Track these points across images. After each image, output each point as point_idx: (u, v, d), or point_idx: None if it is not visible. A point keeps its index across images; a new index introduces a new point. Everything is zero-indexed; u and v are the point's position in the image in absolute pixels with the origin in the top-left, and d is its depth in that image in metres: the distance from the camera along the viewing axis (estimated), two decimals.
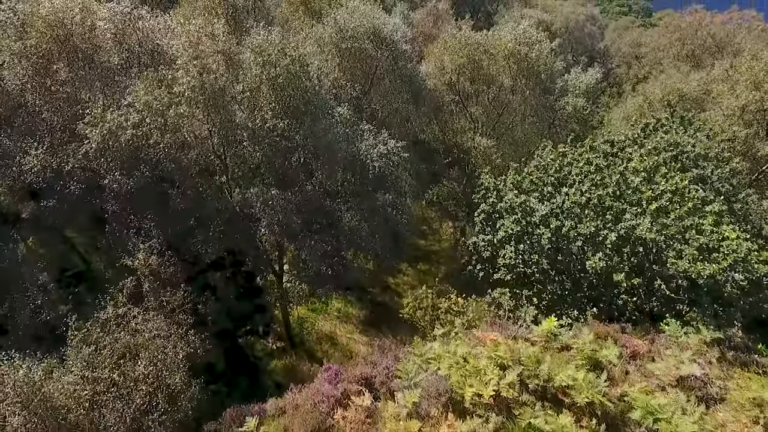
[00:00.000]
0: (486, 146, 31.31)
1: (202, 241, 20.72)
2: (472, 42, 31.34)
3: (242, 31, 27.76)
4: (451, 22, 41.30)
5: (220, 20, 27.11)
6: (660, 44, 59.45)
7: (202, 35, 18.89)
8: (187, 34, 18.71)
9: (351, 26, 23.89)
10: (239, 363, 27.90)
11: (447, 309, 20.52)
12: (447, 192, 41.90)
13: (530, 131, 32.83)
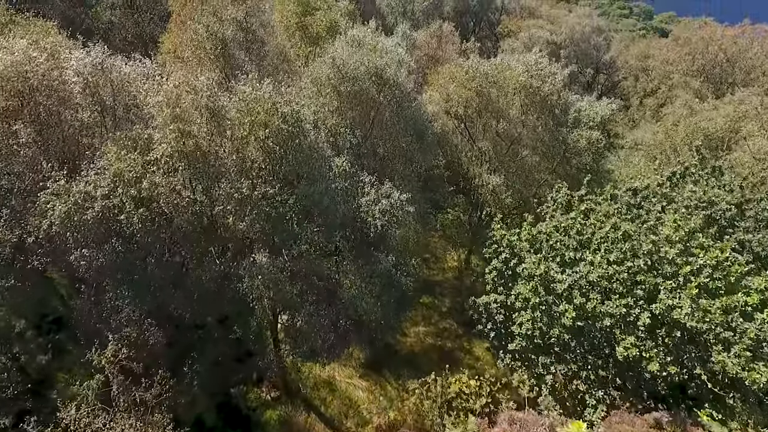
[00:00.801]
0: (495, 184, 28.79)
1: (183, 309, 18.36)
2: (480, 73, 28.75)
3: (232, 67, 25.20)
4: (455, 42, 38.63)
5: (206, 60, 24.65)
6: (669, 58, 56.72)
7: (183, 91, 16.36)
8: (165, 92, 16.15)
9: (351, 68, 21.34)
10: (231, 416, 25.60)
11: (458, 393, 18.11)
12: (451, 220, 39.43)
13: (541, 165, 30.30)
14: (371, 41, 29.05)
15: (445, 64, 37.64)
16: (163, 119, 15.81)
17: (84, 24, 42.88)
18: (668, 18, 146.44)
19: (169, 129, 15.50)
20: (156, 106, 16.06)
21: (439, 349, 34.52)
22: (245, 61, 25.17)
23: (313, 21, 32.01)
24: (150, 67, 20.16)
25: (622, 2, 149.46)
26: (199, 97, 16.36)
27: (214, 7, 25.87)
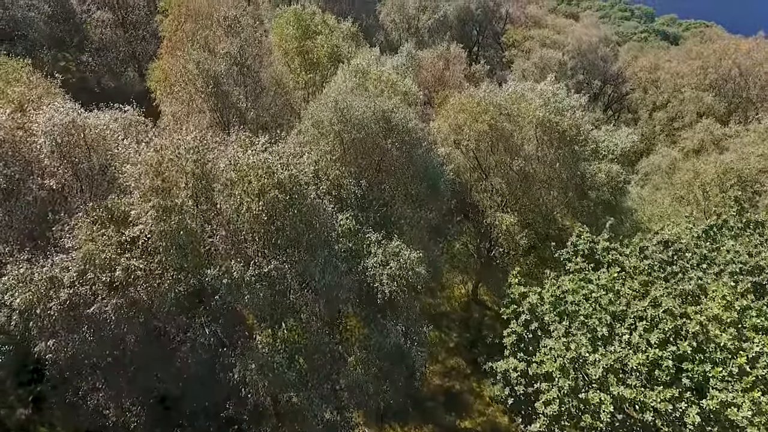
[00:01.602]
0: (509, 224, 26.39)
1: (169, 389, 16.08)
2: (493, 105, 26.27)
3: (226, 106, 22.74)
4: (462, 62, 36.08)
5: (197, 97, 22.20)
6: (680, 71, 54.10)
7: (166, 158, 13.90)
8: (145, 161, 13.67)
9: (355, 113, 18.87)
10: None
11: None
12: (459, 248, 37.03)
13: (557, 199, 27.89)
14: (375, 71, 26.64)
15: (453, 88, 35.21)
16: (142, 193, 13.40)
17: (74, 42, 40.49)
18: (669, 20, 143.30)
19: (149, 205, 13.08)
20: (134, 176, 13.63)
21: (447, 391, 32.17)
22: (239, 98, 22.72)
23: (313, 46, 29.49)
24: (131, 115, 17.70)
25: (623, 5, 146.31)
26: (184, 162, 13.93)
27: (206, 39, 23.38)
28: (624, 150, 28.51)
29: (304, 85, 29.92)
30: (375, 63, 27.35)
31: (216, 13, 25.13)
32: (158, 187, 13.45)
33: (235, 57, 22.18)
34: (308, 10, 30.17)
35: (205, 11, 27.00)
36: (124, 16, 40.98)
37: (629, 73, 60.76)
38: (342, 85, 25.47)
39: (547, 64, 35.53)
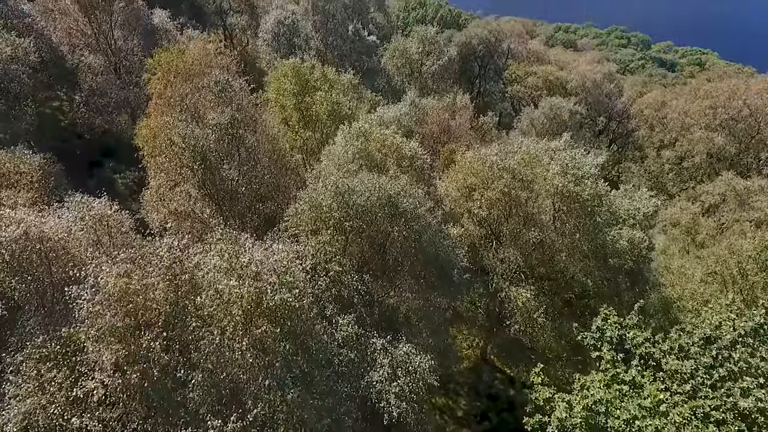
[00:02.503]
0: (525, 299, 23.80)
1: None
2: (506, 171, 23.88)
3: (214, 183, 20.28)
4: (469, 110, 33.84)
5: (184, 173, 19.76)
6: (688, 109, 52.08)
7: (132, 287, 11.35)
8: (107, 292, 11.08)
9: (359, 200, 16.43)
10: None
11: None
12: (467, 306, 34.31)
13: (576, 268, 25.31)
14: (378, 134, 24.32)
15: (459, 141, 32.98)
16: (99, 332, 10.82)
17: (63, 89, 38.33)
18: (665, 47, 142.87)
19: (108, 352, 10.47)
20: (92, 311, 11.04)
21: None
22: (230, 172, 20.28)
23: (312, 102, 27.26)
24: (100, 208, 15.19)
25: (619, 32, 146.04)
26: (154, 292, 11.36)
27: (195, 104, 21.06)
28: (646, 214, 26.06)
29: (302, 144, 27.61)
30: (377, 124, 25.07)
31: (206, 76, 22.88)
32: (120, 327, 10.87)
33: (225, 128, 19.83)
34: (307, 64, 28.00)
35: (196, 70, 24.79)
36: (117, 62, 38.92)
37: (635, 110, 58.82)
38: (342, 153, 23.16)
39: (557, 114, 33.35)
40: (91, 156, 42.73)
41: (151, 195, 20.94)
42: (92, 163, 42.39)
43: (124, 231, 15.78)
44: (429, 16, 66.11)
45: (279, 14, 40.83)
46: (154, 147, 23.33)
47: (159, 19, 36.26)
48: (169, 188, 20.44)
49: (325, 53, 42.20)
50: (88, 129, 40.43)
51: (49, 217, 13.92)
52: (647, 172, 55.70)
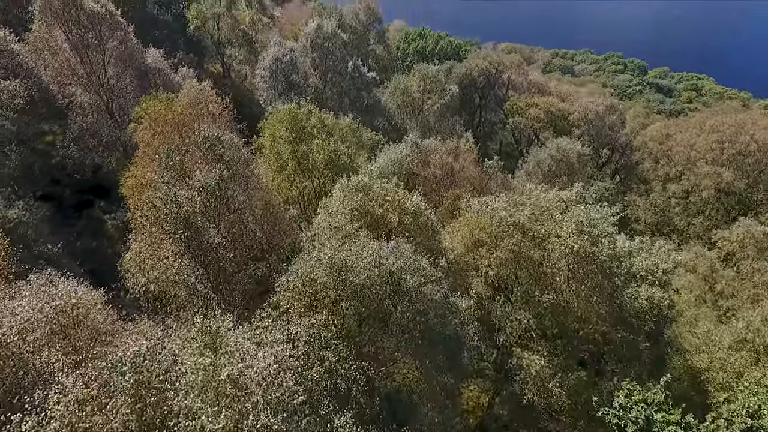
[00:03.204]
0: (539, 368, 21.66)
1: None
2: (516, 227, 22.01)
3: (201, 248, 18.32)
4: (474, 155, 32.13)
5: (167, 238, 17.80)
6: (694, 143, 50.55)
7: (87, 412, 9.26)
8: (55, 418, 8.97)
9: (358, 279, 14.46)
10: None
11: None
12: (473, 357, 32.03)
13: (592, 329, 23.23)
14: (378, 188, 22.49)
15: (463, 186, 31.22)
16: None
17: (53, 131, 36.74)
18: (662, 73, 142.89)
19: None
20: None
21: None
22: (216, 238, 18.34)
23: (309, 150, 25.54)
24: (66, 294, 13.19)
25: (616, 58, 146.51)
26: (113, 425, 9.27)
27: (182, 166, 19.25)
28: (666, 270, 24.11)
29: (298, 194, 25.79)
30: (378, 176, 23.29)
31: (195, 127, 21.17)
32: None
33: (213, 190, 18.01)
34: (304, 110, 26.36)
35: (185, 119, 23.12)
36: (109, 100, 37.40)
37: (638, 142, 57.41)
38: (340, 209, 21.30)
39: (565, 156, 31.72)
40: (82, 195, 40.97)
41: (131, 260, 19.00)
42: (82, 203, 40.58)
43: (93, 318, 13.75)
44: (429, 48, 65.25)
45: (277, 51, 39.52)
46: (136, 207, 21.55)
47: (152, 59, 34.82)
48: (151, 252, 18.50)
49: (324, 90, 40.79)
50: (78, 169, 38.71)
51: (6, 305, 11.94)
52: (653, 206, 53.92)
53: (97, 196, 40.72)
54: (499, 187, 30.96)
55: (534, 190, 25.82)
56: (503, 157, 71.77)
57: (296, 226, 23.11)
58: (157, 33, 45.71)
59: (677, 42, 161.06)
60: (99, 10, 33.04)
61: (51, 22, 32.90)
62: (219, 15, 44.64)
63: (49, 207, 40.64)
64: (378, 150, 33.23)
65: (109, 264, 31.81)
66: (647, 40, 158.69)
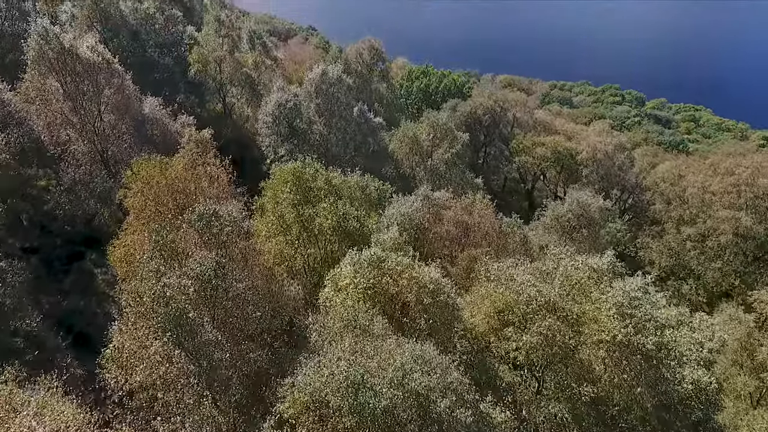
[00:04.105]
0: None
1: None
2: (546, 308, 19.45)
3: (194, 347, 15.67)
4: (490, 211, 29.76)
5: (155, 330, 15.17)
6: (708, 185, 48.59)
7: None
8: None
9: (378, 405, 11.82)
10: None
11: None
12: None
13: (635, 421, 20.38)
14: (393, 261, 20.02)
15: (480, 246, 28.80)
16: None
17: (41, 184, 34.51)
18: (659, 104, 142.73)
19: None
20: None
21: None
22: (212, 332, 15.72)
23: (315, 214, 23.17)
24: None
25: (613, 90, 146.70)
26: None
27: (175, 246, 16.78)
28: (711, 350, 21.47)
29: (303, 262, 23.28)
30: (391, 247, 20.85)
31: (191, 198, 18.78)
32: None
33: (208, 279, 15.51)
34: (309, 170, 24.08)
35: (180, 186, 20.78)
36: (104, 149, 35.21)
37: (649, 182, 55.44)
38: (351, 288, 18.76)
39: (585, 211, 29.47)
40: (73, 245, 38.46)
41: (113, 356, 16.31)
42: (73, 255, 38.02)
43: None
44: (432, 86, 63.94)
45: (280, 97, 37.65)
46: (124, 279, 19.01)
47: (149, 108, 32.82)
48: (134, 350, 15.83)
49: (328, 137, 38.77)
50: (69, 221, 36.28)
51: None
52: (667, 249, 51.56)
53: (89, 246, 38.21)
54: (518, 246, 28.52)
55: (560, 254, 23.44)
56: (508, 192, 70.01)
57: (301, 303, 20.50)
58: (157, 76, 44.02)
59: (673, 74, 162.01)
60: (95, 60, 31.19)
61: (45, 71, 31.01)
62: (221, 58, 43.01)
63: (36, 261, 38.01)
64: (386, 202, 30.92)
65: (97, 326, 29.00)
66: (643, 72, 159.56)
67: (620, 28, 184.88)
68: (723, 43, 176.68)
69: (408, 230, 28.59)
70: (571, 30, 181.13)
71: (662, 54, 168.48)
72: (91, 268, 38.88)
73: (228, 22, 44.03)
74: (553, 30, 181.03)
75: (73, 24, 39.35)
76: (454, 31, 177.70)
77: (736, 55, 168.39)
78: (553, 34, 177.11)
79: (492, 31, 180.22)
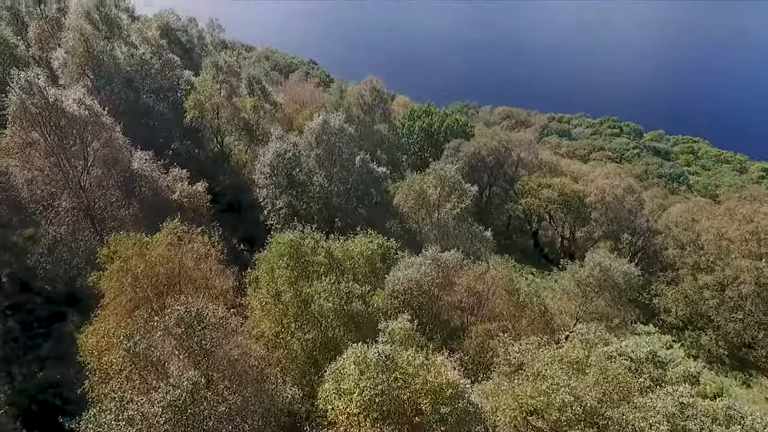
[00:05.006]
0: None
1: None
2: (583, 416, 16.49)
3: None
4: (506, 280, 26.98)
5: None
6: (725, 232, 45.99)
7: None
8: None
9: None
10: None
11: None
12: None
13: None
14: (405, 360, 17.14)
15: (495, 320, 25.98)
16: None
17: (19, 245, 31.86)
18: (657, 136, 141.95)
19: None
20: None
21: None
22: None
23: (315, 293, 20.36)
24: None
25: (612, 122, 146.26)
26: None
27: (149, 354, 13.87)
28: None
29: (300, 349, 20.28)
30: (401, 339, 17.97)
31: (175, 281, 15.98)
32: None
33: (183, 406, 12.58)
34: (308, 242, 21.37)
35: (161, 270, 17.98)
36: (90, 204, 32.57)
37: (661, 226, 52.91)
38: (356, 394, 15.81)
39: (607, 276, 26.79)
40: (54, 305, 35.47)
41: None
42: (53, 315, 35.01)
43: None
44: (435, 126, 62.14)
45: (278, 147, 35.35)
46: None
47: (138, 164, 30.38)
48: None
49: (329, 189, 36.30)
50: (49, 282, 33.40)
51: None
52: (684, 296, 48.60)
53: (72, 305, 35.24)
54: (537, 317, 25.65)
55: (589, 335, 20.63)
56: (513, 230, 67.48)
57: (298, 406, 17.43)
58: (151, 123, 41.91)
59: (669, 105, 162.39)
60: (82, 113, 28.95)
61: (26, 126, 28.71)
62: (218, 105, 40.96)
63: (14, 322, 35.00)
64: (391, 260, 28.25)
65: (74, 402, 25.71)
66: (640, 103, 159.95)
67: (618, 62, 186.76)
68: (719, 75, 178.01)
69: (416, 300, 25.94)
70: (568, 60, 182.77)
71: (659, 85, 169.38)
72: (73, 330, 35.54)
73: (226, 68, 42.17)
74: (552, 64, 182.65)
75: (64, 72, 37.39)
76: (454, 60, 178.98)
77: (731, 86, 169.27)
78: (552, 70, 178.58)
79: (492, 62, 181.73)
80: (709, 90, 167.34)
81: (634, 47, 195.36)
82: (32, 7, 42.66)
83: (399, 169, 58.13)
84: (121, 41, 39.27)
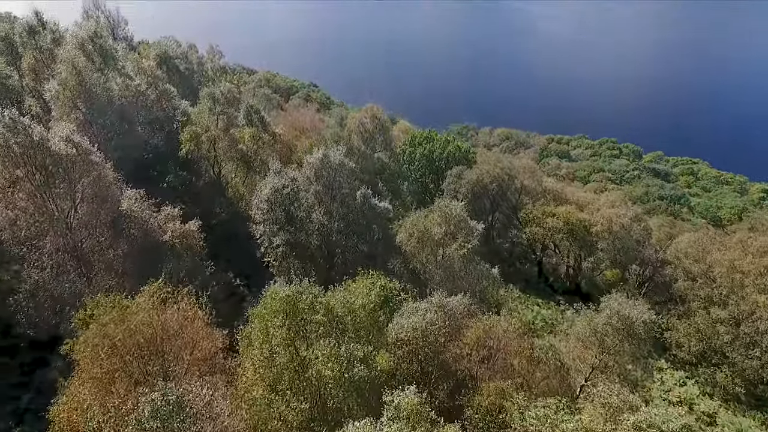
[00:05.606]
0: None
1: None
2: None
3: None
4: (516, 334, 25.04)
5: None
6: (739, 265, 44.11)
7: None
8: None
9: None
10: None
11: None
12: None
13: None
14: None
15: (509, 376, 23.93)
16: None
17: None
18: (656, 157, 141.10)
19: None
20: None
21: None
22: None
23: (314, 358, 18.33)
24: None
25: (611, 143, 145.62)
26: None
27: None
28: None
29: (296, 422, 18.16)
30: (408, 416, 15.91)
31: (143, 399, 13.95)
32: None
33: None
34: (305, 298, 19.41)
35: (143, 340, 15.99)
36: (77, 244, 30.66)
37: (669, 256, 51.04)
38: None
39: (626, 325, 24.83)
40: (37, 351, 33.27)
41: None
42: (37, 360, 32.85)
43: None
44: (436, 153, 60.75)
45: (276, 182, 33.64)
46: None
47: (128, 204, 28.59)
48: None
49: (329, 226, 34.50)
50: (31, 327, 31.25)
51: None
52: (696, 331, 46.42)
53: (55, 350, 33.06)
54: (553, 373, 23.59)
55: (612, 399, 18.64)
56: (517, 257, 65.61)
57: None
58: (145, 156, 40.33)
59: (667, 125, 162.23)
60: (69, 152, 27.33)
61: (9, 165, 27.05)
62: (215, 137, 39.46)
63: None
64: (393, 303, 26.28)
65: None
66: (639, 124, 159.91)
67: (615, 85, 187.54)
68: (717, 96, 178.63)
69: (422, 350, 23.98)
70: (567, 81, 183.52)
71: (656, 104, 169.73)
72: (57, 377, 33.19)
73: (223, 99, 40.80)
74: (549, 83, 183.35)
75: (56, 104, 35.95)
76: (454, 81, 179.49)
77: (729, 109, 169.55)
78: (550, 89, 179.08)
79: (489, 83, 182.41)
80: (707, 111, 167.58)
81: (630, 69, 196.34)
82: (27, 37, 41.52)
83: (400, 196, 56.55)
84: (116, 72, 37.96)
